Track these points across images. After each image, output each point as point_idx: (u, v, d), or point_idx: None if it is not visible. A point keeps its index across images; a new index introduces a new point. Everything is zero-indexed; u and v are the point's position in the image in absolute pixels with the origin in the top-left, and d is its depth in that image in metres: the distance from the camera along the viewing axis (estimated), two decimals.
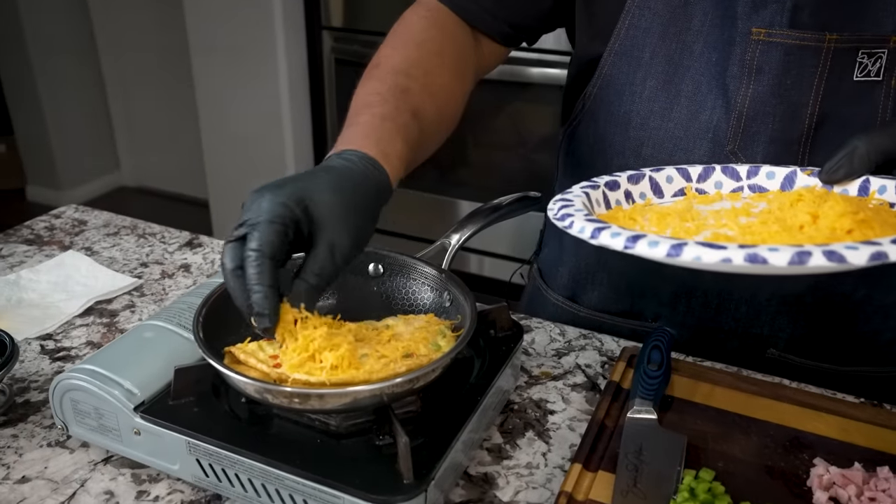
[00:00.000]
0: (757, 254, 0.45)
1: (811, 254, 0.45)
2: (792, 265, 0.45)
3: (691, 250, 0.47)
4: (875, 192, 0.60)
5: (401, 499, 0.56)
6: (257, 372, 0.60)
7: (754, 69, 0.74)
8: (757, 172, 0.67)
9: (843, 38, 0.71)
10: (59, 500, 0.64)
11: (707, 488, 0.59)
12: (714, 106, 0.76)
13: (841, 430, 0.68)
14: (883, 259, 0.44)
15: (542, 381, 0.81)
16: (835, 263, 0.44)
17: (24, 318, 0.90)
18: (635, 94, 0.79)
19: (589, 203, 0.63)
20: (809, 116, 0.74)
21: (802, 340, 0.84)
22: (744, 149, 0.76)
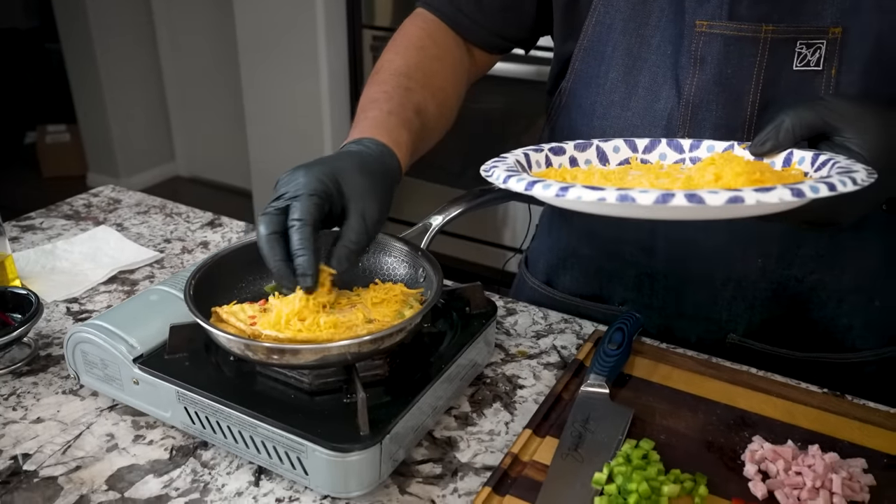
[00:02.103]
0: (627, 194, 0.50)
1: (674, 195, 0.49)
2: (657, 204, 0.49)
3: (574, 191, 0.52)
4: (796, 163, 0.63)
5: (357, 448, 0.62)
6: (236, 329, 0.67)
7: (699, 59, 0.78)
8: (699, 146, 0.71)
9: (780, 30, 0.74)
10: (66, 439, 0.72)
11: (642, 455, 0.64)
12: (668, 96, 0.81)
13: (786, 413, 0.71)
14: (739, 202, 0.48)
15: (518, 359, 0.86)
16: (695, 204, 0.48)
17: (55, 283, 0.99)
18: (599, 87, 0.84)
19: (527, 162, 0.69)
20: (751, 104, 0.77)
21: (761, 326, 0.87)
22: (692, 135, 0.80)
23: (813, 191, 0.51)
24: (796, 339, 0.87)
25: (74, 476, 0.68)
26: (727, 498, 0.61)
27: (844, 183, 0.52)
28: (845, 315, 0.86)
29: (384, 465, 0.65)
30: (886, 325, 0.87)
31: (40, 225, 1.16)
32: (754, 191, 0.49)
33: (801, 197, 0.50)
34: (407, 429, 0.68)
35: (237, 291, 0.77)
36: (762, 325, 0.87)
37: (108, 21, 3.53)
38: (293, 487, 0.67)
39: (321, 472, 0.63)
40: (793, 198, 0.50)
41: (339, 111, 2.89)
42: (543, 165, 0.70)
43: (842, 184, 0.52)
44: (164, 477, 0.68)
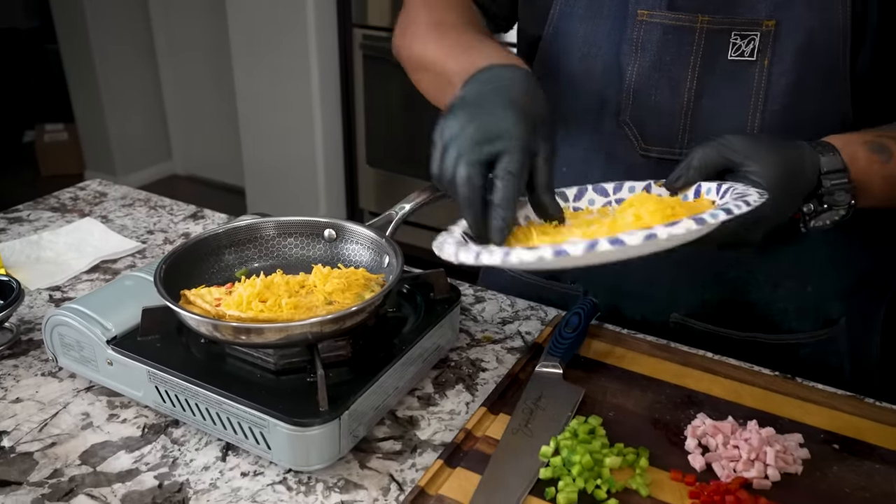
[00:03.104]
0: (561, 248, 0.55)
1: (598, 242, 0.55)
2: (587, 251, 0.55)
3: (516, 254, 0.57)
4: (704, 193, 0.69)
5: (317, 423, 0.65)
6: (201, 310, 0.70)
7: (639, 47, 0.81)
8: (621, 188, 0.75)
9: (715, 21, 0.78)
10: (43, 418, 0.76)
11: (589, 430, 0.67)
12: (613, 81, 0.84)
13: (732, 392, 0.74)
14: (653, 238, 0.54)
15: (483, 344, 0.89)
16: (617, 247, 0.54)
17: (39, 272, 1.02)
18: (561, 73, 0.87)
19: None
20: (688, 91, 0.81)
21: (702, 306, 0.91)
22: (634, 120, 0.84)
23: (713, 217, 0.56)
24: (736, 319, 0.90)
25: (49, 452, 0.71)
26: (666, 470, 0.64)
27: (739, 206, 0.58)
28: (781, 299, 0.89)
29: (344, 441, 0.68)
30: (819, 309, 0.91)
31: (27, 217, 1.19)
32: (665, 226, 0.55)
33: (703, 224, 0.56)
34: (367, 407, 0.71)
35: (208, 277, 0.80)
36: (703, 306, 0.91)
37: (106, 22, 3.57)
38: (258, 462, 0.70)
39: (283, 447, 0.67)
40: (697, 226, 0.55)
41: (329, 110, 2.93)
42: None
43: (737, 207, 0.58)
44: (135, 453, 0.71)
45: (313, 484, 0.68)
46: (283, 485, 0.68)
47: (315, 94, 2.86)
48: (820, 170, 0.69)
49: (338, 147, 2.99)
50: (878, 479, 0.63)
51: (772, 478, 0.63)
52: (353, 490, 0.67)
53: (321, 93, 2.87)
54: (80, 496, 0.66)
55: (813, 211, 0.70)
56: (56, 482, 0.68)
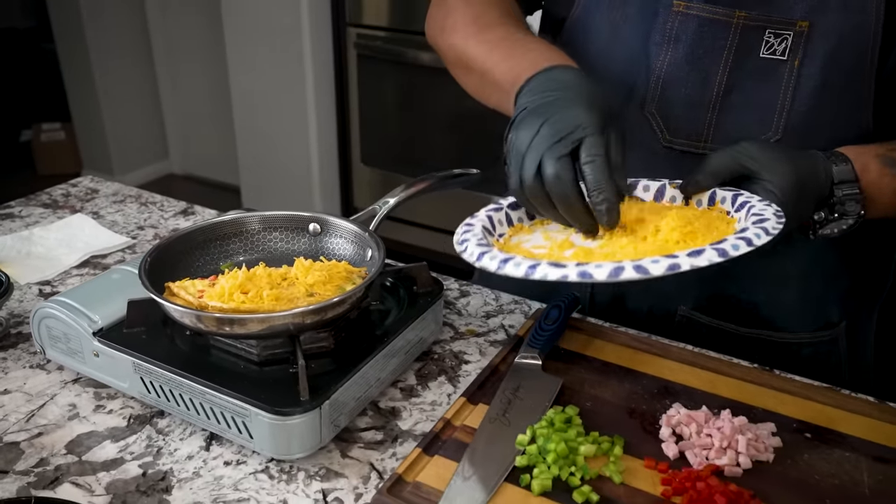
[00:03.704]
0: (586, 271, 0.58)
1: (624, 268, 0.58)
2: (610, 278, 0.58)
3: (541, 270, 0.60)
4: (719, 202, 0.71)
5: (298, 412, 0.67)
6: (185, 301, 0.71)
7: (673, 38, 0.82)
8: (636, 186, 0.76)
9: (752, 17, 0.79)
10: (31, 409, 0.77)
11: (565, 419, 0.68)
12: (639, 70, 0.85)
13: (708, 383, 0.75)
14: (676, 269, 0.57)
15: (466, 337, 0.90)
16: (641, 275, 0.57)
17: (30, 267, 1.04)
18: (583, 57, 0.87)
19: (492, 225, 0.74)
20: (718, 84, 0.82)
21: (708, 301, 0.92)
22: (660, 110, 0.85)
23: (735, 249, 0.59)
24: (741, 316, 0.91)
25: (36, 441, 0.72)
26: (640, 458, 0.65)
27: (759, 236, 0.60)
28: (784, 299, 0.90)
29: (325, 430, 0.69)
30: (820, 311, 0.92)
31: (19, 213, 1.20)
32: (688, 255, 0.58)
33: (726, 257, 0.58)
34: (348, 397, 0.72)
35: (193, 270, 0.82)
36: (709, 300, 0.91)
37: (103, 22, 3.58)
38: (241, 452, 0.72)
39: (265, 436, 0.68)
40: (719, 258, 0.58)
41: (324, 109, 2.94)
42: (506, 224, 0.75)
43: (757, 237, 0.60)
44: (120, 442, 0.73)
45: (295, 472, 0.69)
46: (265, 473, 0.69)
47: (310, 93, 2.87)
48: (832, 179, 0.71)
49: (332, 145, 3.01)
50: (847, 467, 0.65)
51: (743, 465, 0.64)
52: (333, 478, 0.69)
53: (316, 92, 2.88)
54: (65, 484, 0.67)
55: (823, 219, 0.72)
56: (42, 471, 0.69)
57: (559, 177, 0.64)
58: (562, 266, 0.59)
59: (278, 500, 0.66)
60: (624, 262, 0.58)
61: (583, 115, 0.66)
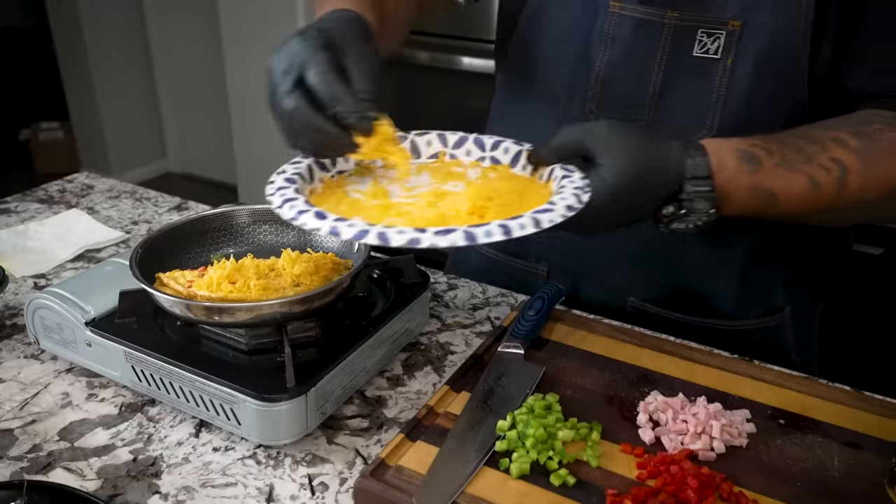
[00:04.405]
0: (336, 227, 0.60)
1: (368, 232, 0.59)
2: (356, 239, 0.59)
3: (304, 218, 0.62)
4: (553, 178, 0.70)
5: (284, 398, 0.68)
6: (174, 291, 0.73)
7: (610, 38, 0.84)
8: (498, 146, 0.77)
9: (684, 17, 0.80)
10: (25, 397, 0.78)
11: (545, 406, 0.70)
12: (581, 69, 0.87)
13: (687, 371, 0.77)
14: (416, 244, 0.58)
15: (453, 328, 0.92)
16: (382, 242, 0.59)
17: (25, 261, 1.05)
18: (535, 53, 0.90)
19: (332, 160, 0.75)
20: (654, 83, 0.84)
21: (657, 291, 0.94)
22: (601, 108, 0.87)
23: (487, 235, 0.58)
24: (690, 305, 0.93)
25: (29, 428, 0.74)
26: (618, 443, 0.67)
27: (523, 227, 0.59)
28: (729, 286, 0.92)
29: (311, 417, 0.71)
30: (763, 297, 0.94)
31: (15, 208, 1.22)
32: (434, 233, 0.58)
33: (474, 241, 0.58)
34: (334, 385, 0.74)
35: (183, 262, 0.83)
36: (658, 291, 0.94)
37: (101, 21, 3.60)
38: (230, 438, 0.73)
39: (252, 422, 0.69)
40: (464, 242, 0.58)
41: None
42: (352, 161, 0.76)
43: (520, 228, 0.59)
44: (112, 429, 0.74)
45: (282, 458, 0.71)
46: (253, 459, 0.71)
47: None
48: (684, 174, 0.68)
49: None
50: (818, 452, 0.66)
51: (717, 450, 0.66)
52: (319, 464, 0.70)
53: None
54: (57, 469, 0.69)
55: (672, 213, 0.70)
56: (35, 456, 0.70)
57: (296, 108, 0.65)
58: (322, 217, 0.61)
59: (265, 485, 0.68)
60: (374, 227, 0.59)
61: (297, 44, 0.66)
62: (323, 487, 0.68)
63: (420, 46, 2.55)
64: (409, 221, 0.64)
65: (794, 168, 0.71)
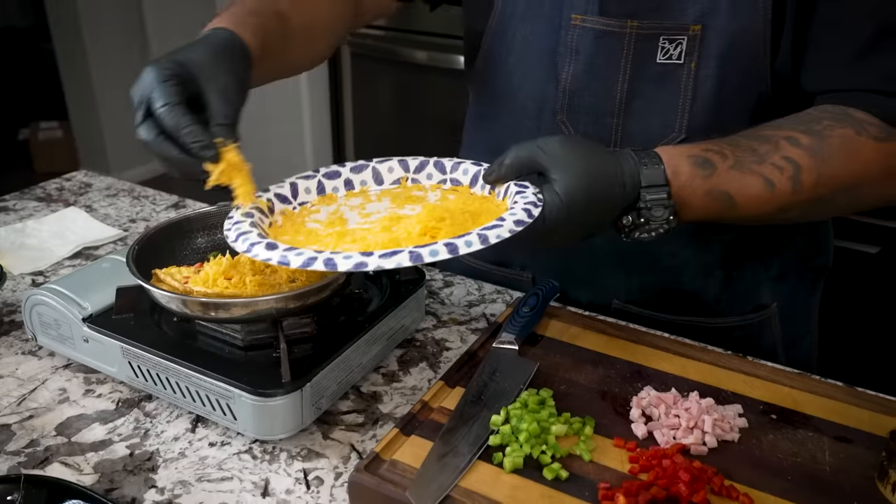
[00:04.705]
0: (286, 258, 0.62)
1: (316, 259, 0.61)
2: (304, 266, 0.61)
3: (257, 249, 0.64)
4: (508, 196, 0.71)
5: (279, 393, 0.69)
6: (170, 287, 0.73)
7: (574, 50, 0.85)
8: (457, 168, 0.79)
9: (644, 26, 0.81)
10: (22, 393, 0.79)
11: (539, 401, 0.70)
12: (549, 81, 0.88)
13: (680, 368, 0.77)
14: (362, 268, 0.60)
15: (449, 325, 0.92)
16: (329, 268, 0.60)
17: (23, 258, 1.06)
18: (502, 68, 0.91)
19: (293, 193, 0.78)
20: (620, 91, 0.84)
21: (639, 293, 0.95)
22: (570, 119, 0.88)
23: (432, 255, 0.60)
24: (672, 305, 0.94)
25: (27, 424, 0.75)
26: (610, 437, 0.67)
27: (470, 244, 0.60)
28: (711, 285, 0.93)
29: (306, 412, 0.72)
30: (747, 294, 0.95)
31: (13, 206, 1.23)
32: (379, 256, 0.60)
33: (419, 261, 0.59)
34: (330, 380, 0.74)
35: (180, 259, 0.84)
36: (641, 292, 0.95)
37: (100, 21, 3.60)
38: (226, 433, 0.74)
39: (248, 417, 0.70)
40: (410, 262, 0.59)
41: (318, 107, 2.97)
42: (314, 192, 0.79)
43: (467, 245, 0.60)
44: (109, 425, 0.75)
45: (277, 453, 0.71)
46: (249, 454, 0.71)
47: (304, 91, 2.89)
48: (639, 183, 0.68)
49: (326, 143, 3.03)
50: (809, 446, 0.67)
51: (709, 444, 0.66)
52: (315, 459, 0.71)
53: (310, 90, 2.90)
54: (54, 464, 0.69)
55: (632, 223, 0.70)
56: (32, 451, 0.71)
57: (148, 139, 0.67)
58: (273, 248, 0.64)
59: (261, 479, 0.68)
60: (322, 252, 0.61)
61: (148, 76, 0.67)
62: (318, 482, 0.68)
63: (418, 45, 2.55)
64: (362, 247, 0.65)
65: (747, 169, 0.71)
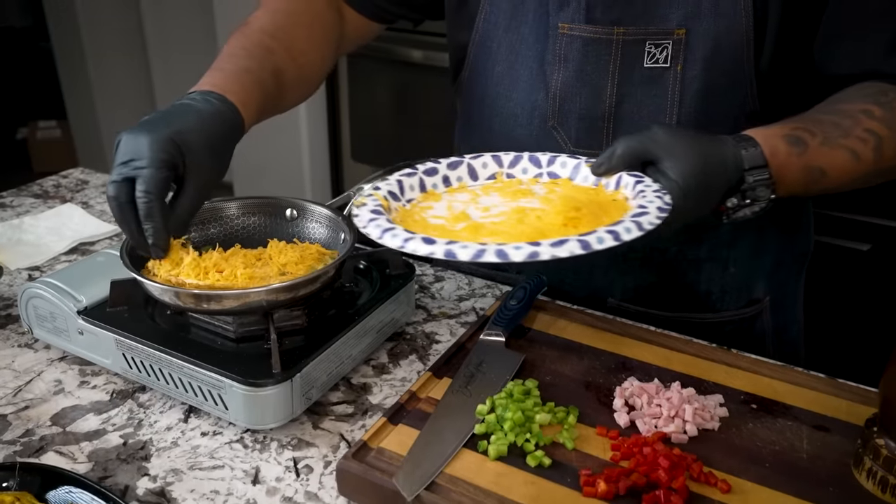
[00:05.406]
0: (451, 250, 0.61)
1: (485, 252, 0.60)
2: (474, 258, 0.61)
3: (413, 244, 0.64)
4: (622, 187, 0.73)
5: (270, 383, 0.70)
6: (163, 279, 0.75)
7: (562, 58, 0.87)
8: (554, 162, 0.81)
9: (630, 31, 0.83)
10: (18, 384, 0.80)
11: (524, 391, 0.72)
12: (538, 88, 0.89)
13: (663, 359, 0.79)
14: (535, 258, 0.59)
15: (439, 318, 0.94)
16: (501, 259, 0.60)
17: (20, 253, 1.07)
18: (489, 78, 0.93)
19: (400, 190, 0.78)
20: (609, 97, 0.86)
21: (634, 291, 0.96)
22: (561, 124, 0.89)
23: (599, 242, 0.60)
24: (667, 301, 0.96)
25: (23, 414, 0.76)
26: (594, 426, 0.69)
27: (629, 231, 0.62)
28: (704, 281, 0.95)
29: (296, 402, 0.73)
30: (741, 289, 0.96)
31: (10, 203, 1.24)
32: (550, 245, 0.60)
33: (588, 249, 0.60)
34: (320, 371, 0.75)
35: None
36: (635, 290, 0.96)
37: (98, 21, 3.61)
38: (218, 423, 0.75)
39: (239, 407, 0.71)
40: (581, 250, 0.60)
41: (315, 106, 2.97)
42: (417, 189, 0.80)
43: (626, 232, 0.62)
44: (103, 415, 0.76)
45: (268, 442, 0.73)
46: (240, 443, 0.73)
47: None
48: (742, 166, 0.72)
49: (323, 142, 3.04)
50: (788, 435, 0.68)
51: (689, 433, 0.68)
52: (305, 448, 0.72)
53: None
54: (49, 453, 0.71)
55: (736, 205, 0.73)
56: (27, 440, 0.72)
57: (115, 199, 0.71)
58: (431, 242, 0.63)
59: (251, 467, 0.70)
60: (489, 244, 0.61)
61: (145, 146, 0.70)
62: (308, 470, 0.69)
63: (414, 45, 2.57)
64: (506, 239, 0.65)
65: (835, 144, 0.75)
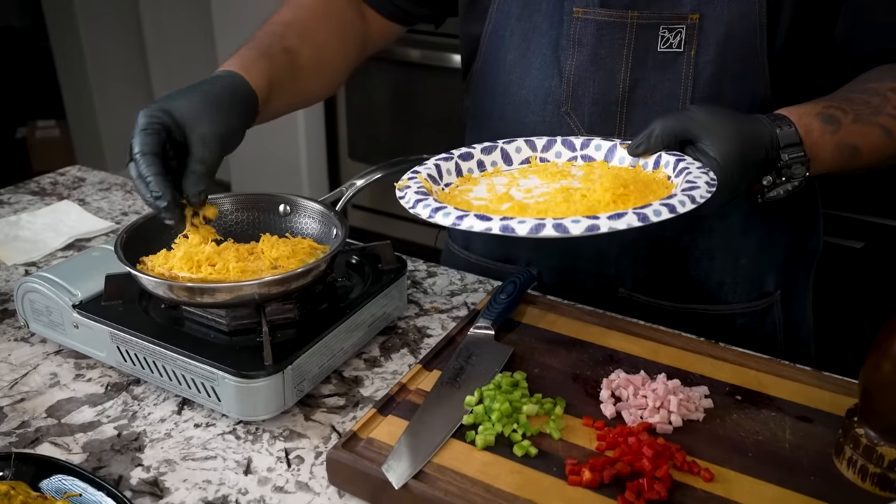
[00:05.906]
0: (508, 225, 0.62)
1: (544, 226, 0.61)
2: (532, 233, 0.61)
3: (468, 220, 0.64)
4: (663, 166, 0.75)
5: (262, 375, 0.71)
6: (157, 273, 0.76)
7: (576, 42, 0.87)
8: (588, 144, 0.82)
9: (644, 16, 0.84)
10: (14, 377, 0.81)
11: (512, 383, 0.73)
12: (552, 74, 0.90)
13: (651, 352, 0.80)
14: (595, 230, 0.60)
15: (430, 313, 0.95)
16: (560, 233, 0.60)
17: (17, 249, 1.08)
18: (500, 67, 0.93)
19: (439, 174, 0.79)
20: (623, 81, 0.87)
21: (645, 281, 0.97)
22: (574, 110, 0.90)
23: (656, 214, 0.62)
24: (677, 292, 0.97)
25: (18, 406, 0.77)
26: (580, 417, 0.70)
27: (683, 204, 0.63)
28: (716, 272, 0.95)
29: (288, 394, 0.74)
30: (753, 281, 0.97)
31: (8, 200, 1.25)
32: (609, 218, 0.61)
33: (646, 221, 0.61)
34: (311, 364, 0.77)
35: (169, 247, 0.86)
36: (646, 280, 0.97)
37: (97, 20, 3.62)
38: (211, 415, 0.76)
39: (231, 398, 0.72)
40: (638, 223, 0.61)
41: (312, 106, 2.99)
42: (454, 173, 0.81)
43: (681, 205, 0.63)
44: (97, 407, 0.77)
45: (260, 434, 0.74)
46: (233, 434, 0.74)
47: None
48: (778, 144, 0.73)
49: (320, 141, 3.05)
50: (772, 425, 0.69)
51: (674, 423, 0.69)
52: (296, 439, 0.73)
53: None
54: (44, 444, 0.72)
55: (772, 183, 0.75)
56: (23, 432, 0.73)
57: (132, 174, 0.72)
58: (487, 219, 0.63)
59: (243, 458, 0.71)
60: (546, 219, 0.62)
61: (139, 120, 0.73)
62: (299, 460, 0.71)
63: (412, 44, 2.58)
64: (557, 216, 0.65)
65: (867, 121, 0.77)
